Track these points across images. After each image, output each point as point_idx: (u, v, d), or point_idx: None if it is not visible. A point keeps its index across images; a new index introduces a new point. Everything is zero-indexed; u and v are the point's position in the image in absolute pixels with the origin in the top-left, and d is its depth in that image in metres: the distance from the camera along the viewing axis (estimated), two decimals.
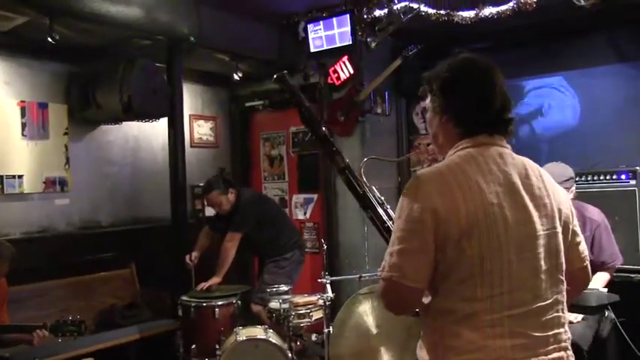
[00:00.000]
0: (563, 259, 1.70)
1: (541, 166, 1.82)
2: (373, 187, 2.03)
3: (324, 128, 2.15)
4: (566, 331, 1.68)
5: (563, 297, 1.69)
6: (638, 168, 4.13)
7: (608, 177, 4.18)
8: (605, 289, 3.00)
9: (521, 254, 1.60)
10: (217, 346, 4.13)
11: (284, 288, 4.33)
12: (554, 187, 1.76)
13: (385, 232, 1.92)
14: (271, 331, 4.08)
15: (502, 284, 1.57)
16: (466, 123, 1.73)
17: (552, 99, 5.29)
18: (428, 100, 1.83)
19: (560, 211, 1.72)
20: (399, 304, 1.70)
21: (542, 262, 1.63)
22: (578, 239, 1.80)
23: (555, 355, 1.62)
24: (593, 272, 3.44)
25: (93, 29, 4.50)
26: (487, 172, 1.64)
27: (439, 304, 1.63)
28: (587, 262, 1.84)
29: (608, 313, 3.26)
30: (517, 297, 1.58)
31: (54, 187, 4.99)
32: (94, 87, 4.94)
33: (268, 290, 4.35)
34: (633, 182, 4.08)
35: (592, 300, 2.91)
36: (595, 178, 4.20)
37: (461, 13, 4.56)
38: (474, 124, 1.72)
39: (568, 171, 3.60)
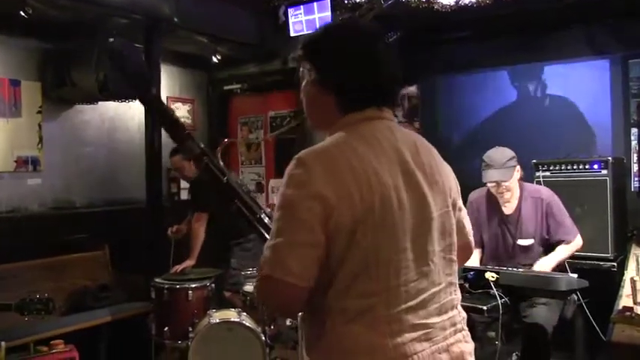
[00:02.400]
0: (455, 239, 1.58)
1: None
2: (234, 173, 1.79)
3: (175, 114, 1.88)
4: (459, 312, 1.58)
5: (455, 278, 1.58)
6: (609, 158, 4.19)
7: (580, 167, 4.23)
8: (575, 275, 3.04)
9: (416, 240, 1.45)
10: (190, 329, 4.10)
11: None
12: (441, 161, 1.61)
13: (259, 224, 1.73)
14: (245, 314, 4.07)
15: (399, 275, 1.42)
16: (351, 95, 1.51)
17: (529, 89, 5.34)
18: (302, 68, 1.59)
19: (450, 187, 1.58)
20: (283, 305, 1.51)
21: (436, 245, 1.50)
22: (462, 214, 1.67)
23: (452, 339, 1.51)
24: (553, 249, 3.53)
25: (69, 5, 4.41)
26: (380, 150, 1.45)
27: (329, 303, 1.42)
28: (471, 238, 1.73)
29: (572, 296, 3.31)
30: (413, 287, 1.44)
31: (26, 166, 4.91)
32: (69, 65, 4.86)
33: (243, 273, 4.34)
34: (605, 172, 4.14)
35: (562, 285, 2.95)
36: (568, 167, 4.25)
37: (441, 0, 4.57)
38: (359, 97, 1.52)
39: (507, 152, 3.65)
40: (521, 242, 3.60)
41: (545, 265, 3.42)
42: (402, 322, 1.42)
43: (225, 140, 1.96)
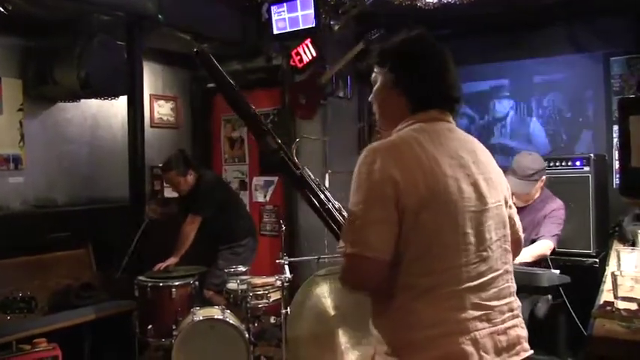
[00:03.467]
0: (509, 231, 1.76)
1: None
2: (307, 168, 1.94)
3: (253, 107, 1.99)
4: (515, 300, 1.72)
5: (511, 267, 1.74)
6: (592, 155, 4.23)
7: (563, 163, 4.27)
8: (557, 271, 3.07)
9: (475, 227, 1.62)
10: (174, 327, 4.09)
11: (242, 269, 4.32)
12: (493, 161, 1.80)
13: (327, 214, 1.86)
14: (228, 312, 4.07)
15: (460, 256, 1.59)
16: (420, 98, 1.73)
17: (512, 86, 5.38)
18: (376, 73, 1.82)
19: (501, 184, 1.77)
20: (366, 280, 1.63)
21: (493, 234, 1.67)
22: (513, 211, 1.86)
23: (510, 323, 1.65)
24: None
25: (49, 2, 4.36)
26: (440, 145, 1.65)
27: (397, 280, 1.59)
28: (522, 234, 1.91)
29: (547, 296, 3.34)
30: (474, 269, 1.60)
31: (7, 164, 4.85)
32: (51, 62, 4.80)
33: (226, 271, 4.33)
34: (587, 169, 4.17)
35: (544, 281, 2.98)
36: (551, 164, 4.27)
37: None
38: (427, 99, 1.73)
39: (536, 163, 3.71)
40: None
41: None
42: (464, 300, 1.57)
43: (297, 140, 2.12)
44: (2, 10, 4.02)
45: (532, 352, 1.70)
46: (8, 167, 4.87)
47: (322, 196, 1.88)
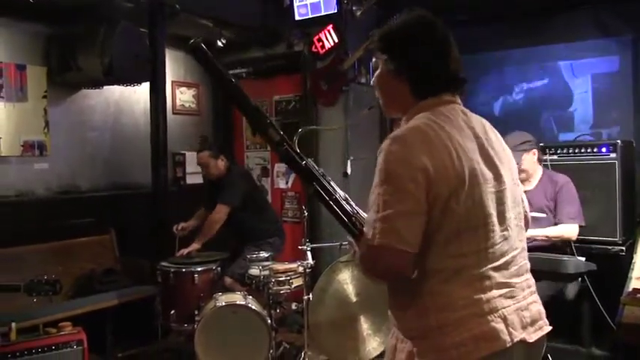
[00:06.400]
0: (522, 209, 1.79)
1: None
2: (309, 159, 1.87)
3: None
4: (531, 277, 1.75)
5: (525, 244, 1.76)
6: (619, 141, 4.14)
7: (589, 150, 4.18)
8: (583, 258, 3.03)
9: (497, 207, 1.64)
10: (196, 312, 4.12)
11: (264, 255, 4.32)
12: (503, 141, 1.81)
13: (335, 204, 1.78)
14: (251, 297, 4.09)
15: (487, 238, 1.61)
16: (427, 82, 1.70)
17: (534, 72, 5.30)
18: (377, 58, 1.78)
19: (512, 164, 1.79)
20: (395, 272, 1.61)
21: (511, 213, 1.69)
22: (520, 189, 1.85)
23: (530, 299, 1.69)
24: None
25: None
26: (460, 128, 1.66)
27: (426, 265, 1.60)
28: (528, 211, 1.91)
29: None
30: (497, 249, 1.62)
31: (32, 150, 4.91)
32: (74, 49, 4.84)
33: (248, 256, 4.34)
34: (614, 155, 4.09)
35: (570, 267, 2.94)
36: (576, 150, 4.20)
37: None
38: (434, 83, 1.71)
39: (522, 136, 3.81)
40: (532, 214, 3.63)
41: (531, 232, 3.44)
42: (491, 279, 1.60)
43: (300, 130, 2.03)
44: None
45: (551, 328, 1.73)
46: (33, 153, 4.92)
47: (328, 187, 1.81)
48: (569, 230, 3.62)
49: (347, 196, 1.84)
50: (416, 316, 1.64)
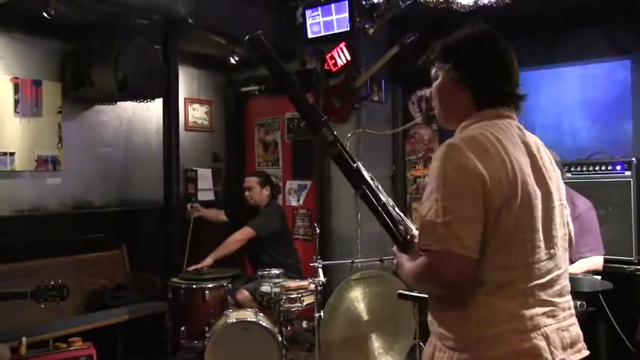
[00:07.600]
0: (567, 230, 1.77)
1: None
2: (359, 163, 1.84)
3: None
4: (571, 299, 1.73)
5: (568, 266, 1.75)
6: (633, 159, 4.11)
7: (603, 168, 4.15)
8: (598, 277, 2.98)
9: (544, 224, 1.63)
10: (207, 329, 4.10)
11: (275, 272, 4.30)
12: (553, 162, 1.80)
13: (382, 209, 1.78)
14: (262, 314, 4.06)
15: (533, 253, 1.60)
16: (487, 94, 1.72)
17: (548, 89, 5.28)
18: (437, 69, 1.79)
19: (560, 184, 1.78)
20: (456, 278, 1.55)
21: (558, 232, 1.68)
22: (567, 212, 1.83)
23: (570, 321, 1.68)
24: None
25: (89, 6, 4.44)
26: (515, 143, 1.66)
27: (473, 275, 1.57)
28: (572, 235, 1.88)
29: (581, 302, 3.23)
30: (543, 266, 1.62)
31: (46, 165, 4.94)
32: (88, 65, 4.88)
33: (260, 273, 4.32)
34: (628, 173, 4.05)
35: (585, 286, 2.90)
36: (590, 168, 4.17)
37: (459, 0, 4.52)
38: (494, 95, 1.72)
39: (553, 154, 3.62)
40: None
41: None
42: (535, 296, 1.59)
43: (350, 135, 2.03)
44: (45, 15, 4.09)
45: (589, 352, 1.70)
46: (47, 168, 4.95)
47: (377, 191, 1.81)
48: (593, 263, 3.49)
49: (394, 203, 1.84)
50: (456, 325, 1.62)
